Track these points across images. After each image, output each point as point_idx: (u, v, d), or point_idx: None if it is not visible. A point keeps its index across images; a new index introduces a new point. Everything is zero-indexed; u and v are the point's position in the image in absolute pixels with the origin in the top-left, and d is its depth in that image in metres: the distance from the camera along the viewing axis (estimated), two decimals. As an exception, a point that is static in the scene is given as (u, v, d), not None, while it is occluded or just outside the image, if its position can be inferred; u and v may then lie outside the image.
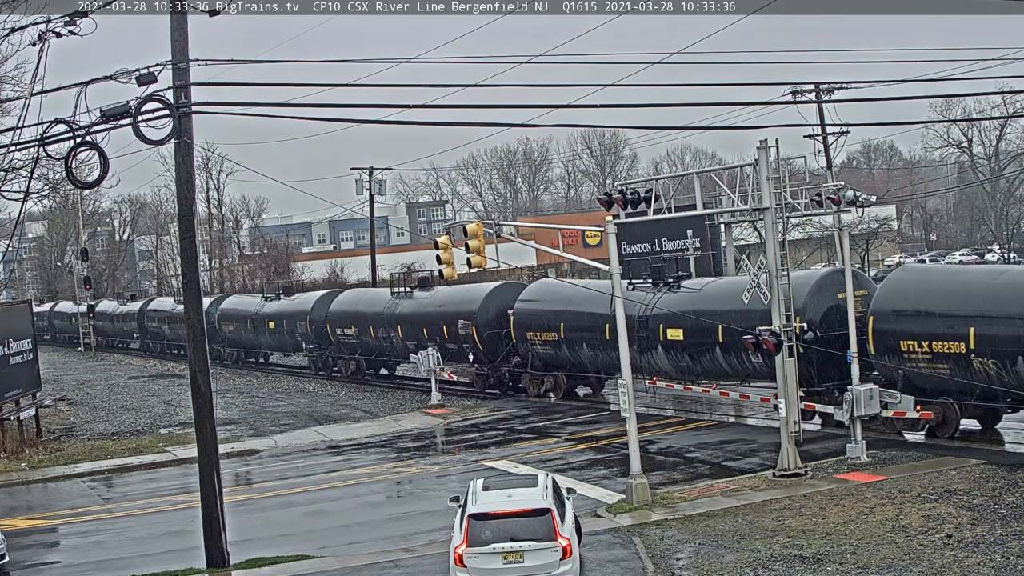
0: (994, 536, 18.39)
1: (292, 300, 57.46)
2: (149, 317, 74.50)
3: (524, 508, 17.05)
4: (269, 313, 58.39)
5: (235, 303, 64.87)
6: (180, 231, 21.65)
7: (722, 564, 18.09)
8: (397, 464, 30.62)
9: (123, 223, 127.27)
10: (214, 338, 62.52)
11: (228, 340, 64.01)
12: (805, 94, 50.25)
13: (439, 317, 43.98)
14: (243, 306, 62.88)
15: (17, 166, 31.51)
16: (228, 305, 64.71)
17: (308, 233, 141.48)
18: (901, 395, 26.00)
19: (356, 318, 50.18)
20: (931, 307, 27.23)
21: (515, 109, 22.13)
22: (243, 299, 65.80)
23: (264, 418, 41.00)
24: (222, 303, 65.31)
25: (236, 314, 62.71)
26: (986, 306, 25.90)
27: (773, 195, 24.45)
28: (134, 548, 23.01)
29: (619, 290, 23.91)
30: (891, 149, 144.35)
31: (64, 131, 18.28)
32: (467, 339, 42.32)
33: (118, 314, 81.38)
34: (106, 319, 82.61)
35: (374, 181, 64.03)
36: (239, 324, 62.19)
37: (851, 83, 47.35)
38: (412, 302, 46.69)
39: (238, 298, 67.43)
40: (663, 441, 30.73)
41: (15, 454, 34.55)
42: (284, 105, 19.89)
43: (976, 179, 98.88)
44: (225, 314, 63.64)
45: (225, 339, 64.06)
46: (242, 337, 62.42)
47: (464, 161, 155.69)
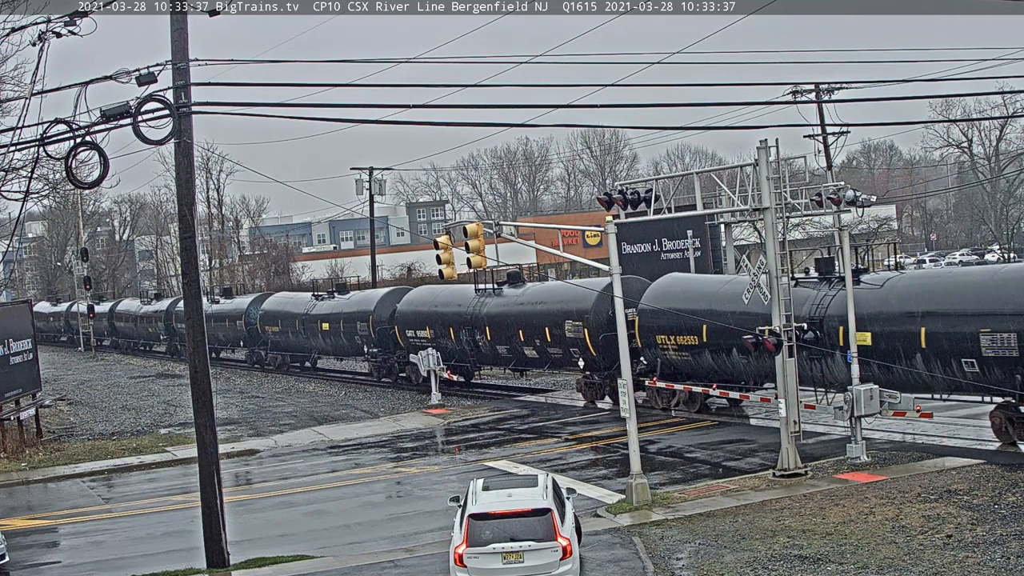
0: (994, 536, 18.39)
1: (348, 298, 52.75)
2: (179, 317, 66.30)
3: (524, 508, 17.05)
4: (322, 313, 53.22)
5: (281, 302, 59.55)
6: (180, 231, 21.66)
7: (722, 564, 18.09)
8: (397, 464, 30.62)
9: (123, 223, 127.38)
10: (256, 341, 60.37)
11: (272, 343, 59.19)
12: (805, 94, 50.24)
13: (538, 317, 39.19)
14: (290, 306, 57.50)
15: (17, 166, 31.54)
16: (272, 305, 59.53)
17: (308, 233, 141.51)
18: (901, 395, 26.01)
19: (431, 318, 44.99)
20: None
21: (515, 109, 22.14)
22: (290, 297, 60.52)
23: (264, 418, 41.01)
24: (264, 302, 60.57)
25: (282, 314, 57.49)
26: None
27: (773, 195, 24.46)
28: (134, 548, 23.02)
29: (619, 290, 23.93)
30: (891, 149, 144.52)
31: (64, 131, 18.27)
32: (576, 342, 37.32)
33: (142, 314, 76.78)
34: (128, 320, 78.96)
35: (374, 181, 64.03)
36: (286, 325, 56.94)
37: (851, 83, 47.38)
38: (500, 300, 41.82)
39: (284, 296, 61.93)
40: (663, 441, 30.73)
41: (15, 454, 34.56)
42: (284, 105, 19.90)
43: (976, 179, 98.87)
44: (269, 315, 58.81)
45: (268, 342, 59.43)
46: (289, 340, 57.29)
47: (464, 161, 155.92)
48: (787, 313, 24.51)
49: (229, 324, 62.01)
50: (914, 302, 27.40)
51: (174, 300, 72.40)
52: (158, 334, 74.69)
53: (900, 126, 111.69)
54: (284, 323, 57.26)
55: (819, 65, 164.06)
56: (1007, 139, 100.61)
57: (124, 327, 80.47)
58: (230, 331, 62.39)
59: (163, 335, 73.70)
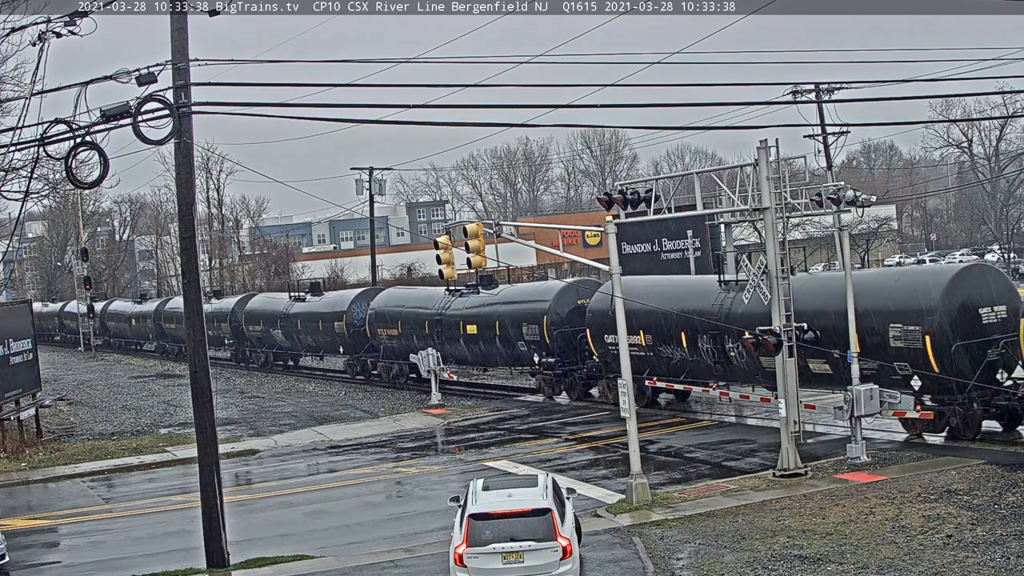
0: (994, 536, 18.39)
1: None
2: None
3: (524, 508, 17.05)
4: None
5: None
6: (180, 231, 21.66)
7: (722, 564, 18.09)
8: (397, 464, 30.62)
9: (123, 223, 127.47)
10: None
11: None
12: (805, 94, 50.21)
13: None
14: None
15: (17, 166, 31.56)
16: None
17: (308, 233, 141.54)
18: (901, 395, 26.03)
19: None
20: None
21: (515, 109, 22.15)
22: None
23: (264, 418, 41.01)
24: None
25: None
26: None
27: (773, 195, 24.45)
28: (134, 548, 23.02)
29: (619, 290, 23.93)
30: (891, 149, 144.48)
31: (64, 131, 18.27)
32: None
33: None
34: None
35: (374, 181, 64.01)
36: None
37: (851, 83, 47.33)
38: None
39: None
40: (663, 441, 30.74)
41: (15, 454, 34.56)
42: (284, 105, 19.91)
43: (976, 179, 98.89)
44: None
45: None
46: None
47: (464, 161, 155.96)
48: (787, 313, 24.51)
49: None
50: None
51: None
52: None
53: (900, 126, 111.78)
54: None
55: (819, 65, 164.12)
56: (1007, 139, 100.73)
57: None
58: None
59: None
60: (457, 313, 43.81)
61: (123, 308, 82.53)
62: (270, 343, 60.09)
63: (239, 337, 62.92)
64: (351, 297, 52.48)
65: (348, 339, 51.09)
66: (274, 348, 60.20)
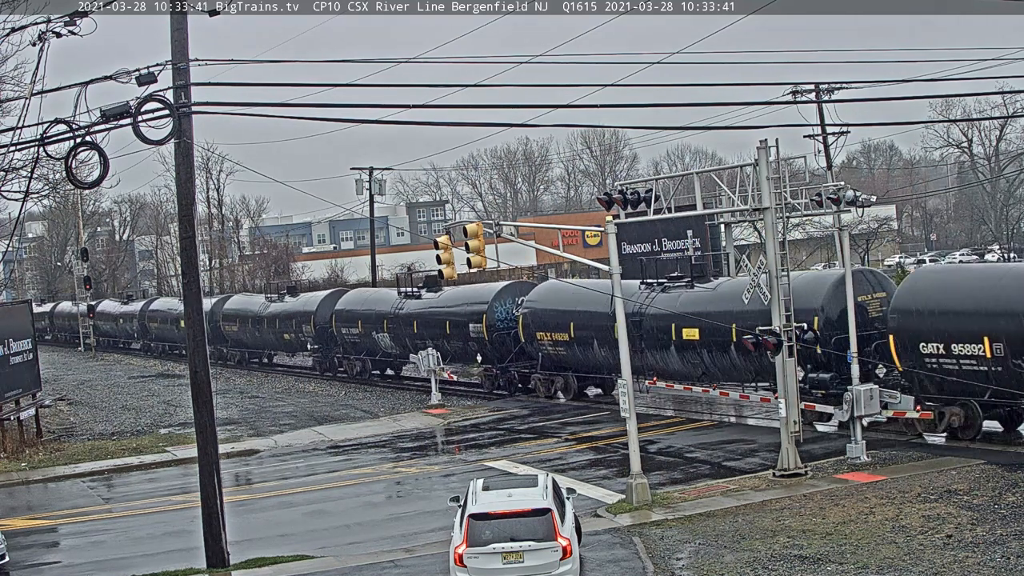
0: (994, 536, 18.39)
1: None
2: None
3: (524, 508, 17.05)
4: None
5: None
6: (180, 231, 21.66)
7: (722, 564, 18.09)
8: (397, 464, 30.62)
9: (123, 223, 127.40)
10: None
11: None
12: (805, 94, 50.18)
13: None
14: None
15: (17, 166, 31.56)
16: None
17: (308, 233, 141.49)
18: (901, 395, 26.04)
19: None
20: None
21: (515, 109, 22.16)
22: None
23: (264, 418, 41.01)
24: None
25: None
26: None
27: (773, 195, 24.45)
28: (134, 548, 23.02)
29: (619, 290, 23.93)
30: (891, 149, 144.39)
31: (64, 131, 18.27)
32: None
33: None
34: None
35: (374, 181, 64.01)
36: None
37: (851, 83, 47.28)
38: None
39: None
40: (663, 441, 30.74)
41: (15, 454, 34.56)
42: (284, 105, 19.91)
43: (976, 179, 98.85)
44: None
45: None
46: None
47: (464, 161, 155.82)
48: (787, 313, 24.51)
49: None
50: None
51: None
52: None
53: (900, 126, 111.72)
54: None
55: (819, 65, 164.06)
56: (1007, 139, 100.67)
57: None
58: None
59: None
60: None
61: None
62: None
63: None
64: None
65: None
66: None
